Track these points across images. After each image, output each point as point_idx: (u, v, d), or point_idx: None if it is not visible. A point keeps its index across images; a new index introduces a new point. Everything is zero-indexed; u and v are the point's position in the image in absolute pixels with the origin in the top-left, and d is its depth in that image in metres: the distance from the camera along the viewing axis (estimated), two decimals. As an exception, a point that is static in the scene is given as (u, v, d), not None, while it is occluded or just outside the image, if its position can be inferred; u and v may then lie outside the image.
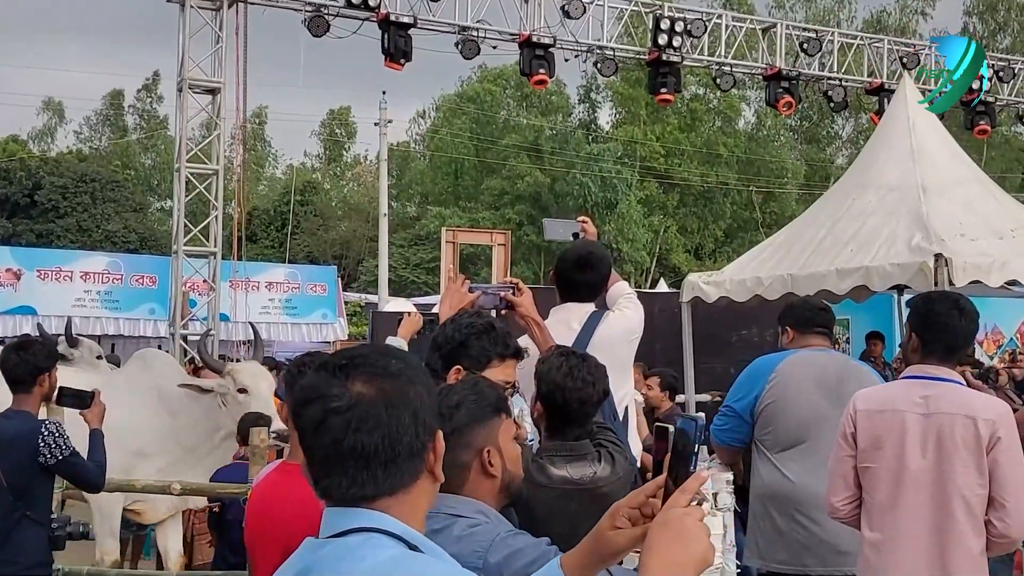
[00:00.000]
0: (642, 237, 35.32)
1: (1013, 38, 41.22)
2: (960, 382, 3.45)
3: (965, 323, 3.46)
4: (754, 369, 4.47)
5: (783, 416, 4.22)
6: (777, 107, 14.55)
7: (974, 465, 3.24)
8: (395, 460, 1.53)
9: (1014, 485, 3.23)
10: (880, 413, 3.43)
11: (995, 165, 37.63)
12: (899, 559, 3.34)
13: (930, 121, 10.67)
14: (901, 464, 3.34)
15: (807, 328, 4.53)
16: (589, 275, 3.97)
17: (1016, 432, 3.32)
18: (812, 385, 4.22)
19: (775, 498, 4.20)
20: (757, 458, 4.36)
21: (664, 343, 11.83)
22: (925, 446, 3.31)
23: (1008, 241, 9.21)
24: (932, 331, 3.46)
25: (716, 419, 4.49)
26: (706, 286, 10.72)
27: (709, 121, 39.66)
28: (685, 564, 1.56)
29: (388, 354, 1.62)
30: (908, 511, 3.32)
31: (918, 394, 3.39)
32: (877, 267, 8.82)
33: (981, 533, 3.25)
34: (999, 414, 3.29)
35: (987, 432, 3.23)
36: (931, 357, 3.45)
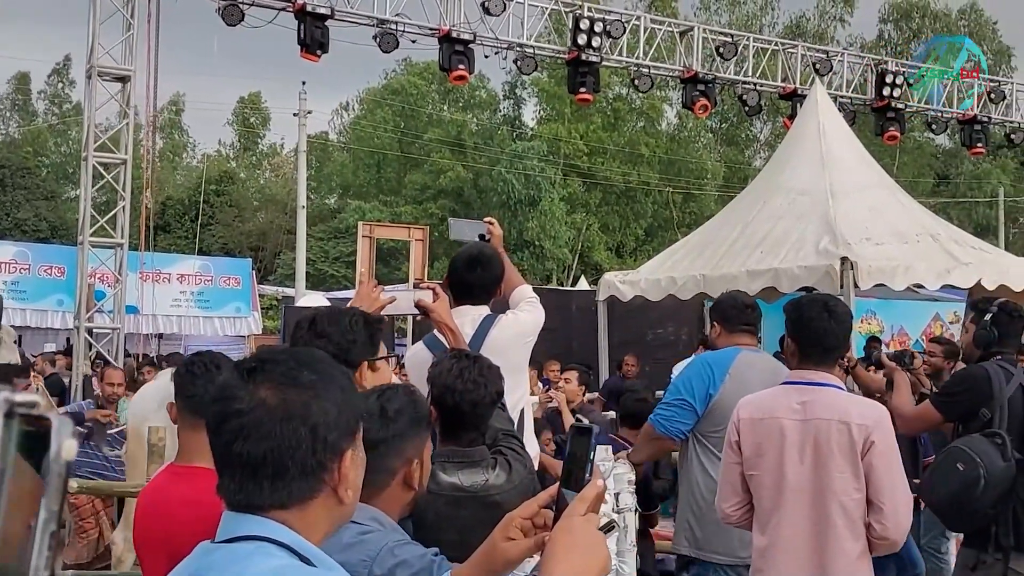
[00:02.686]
0: (564, 235, 35.51)
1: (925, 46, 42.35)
2: (839, 386, 3.48)
3: (834, 325, 3.47)
4: (709, 363, 4.45)
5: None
6: (693, 109, 14.71)
7: (850, 470, 3.25)
8: (282, 475, 1.47)
9: (890, 488, 3.25)
10: (761, 421, 3.47)
11: (907, 171, 38.61)
12: (781, 565, 3.37)
13: (840, 126, 10.91)
14: (781, 471, 3.38)
15: (734, 325, 4.54)
16: (480, 276, 3.92)
17: (892, 435, 3.35)
18: (758, 387, 4.24)
19: None
20: (699, 454, 4.37)
21: (581, 340, 11.93)
22: (803, 452, 3.33)
23: (912, 245, 9.46)
24: (805, 335, 3.50)
25: (662, 410, 4.46)
26: (622, 285, 10.83)
27: (632, 121, 40.01)
28: (584, 572, 1.54)
29: (304, 363, 1.54)
30: (789, 517, 3.35)
31: (796, 400, 3.40)
32: (786, 269, 8.99)
33: (859, 536, 3.28)
34: (873, 418, 3.30)
35: (861, 437, 3.24)
36: (807, 361, 3.48)
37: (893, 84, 15.55)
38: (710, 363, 4.41)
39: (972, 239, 10.70)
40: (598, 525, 1.60)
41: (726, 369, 4.31)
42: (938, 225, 10.31)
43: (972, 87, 17.13)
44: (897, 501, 3.25)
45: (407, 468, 2.34)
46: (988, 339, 4.47)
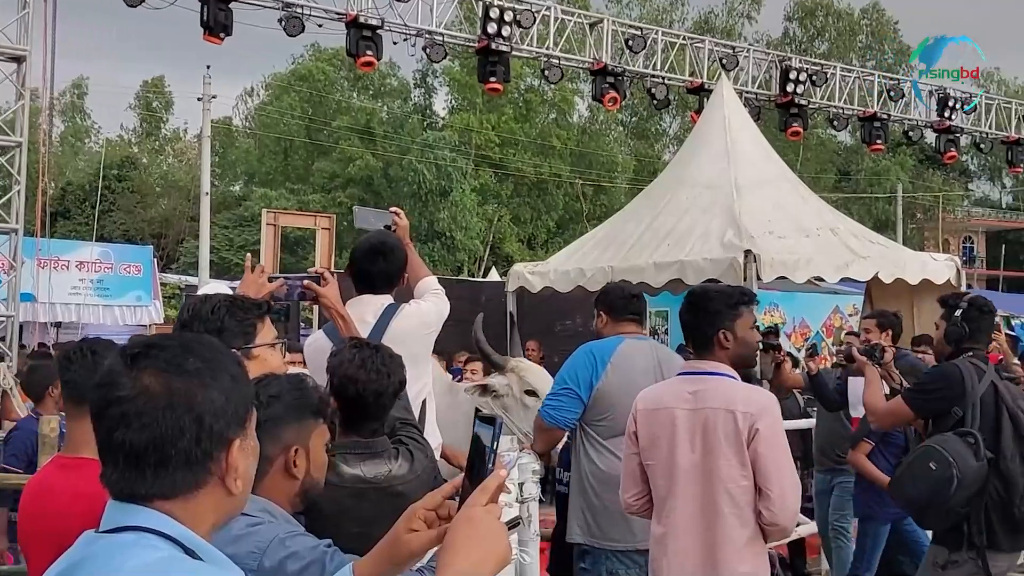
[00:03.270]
0: (476, 226, 35.50)
1: (830, 44, 43.43)
2: (730, 375, 3.48)
3: (692, 317, 3.55)
4: (592, 353, 4.46)
5: (620, 404, 4.25)
6: (603, 102, 14.78)
7: (736, 458, 3.29)
8: (165, 464, 1.43)
9: (776, 475, 3.28)
10: (655, 411, 3.51)
11: (810, 166, 39.56)
12: (673, 552, 3.42)
13: (745, 121, 11.10)
14: (673, 460, 3.42)
15: (620, 315, 4.58)
16: (382, 265, 3.87)
17: (778, 422, 3.41)
18: (640, 375, 4.27)
19: (610, 480, 4.24)
20: (586, 443, 4.39)
21: (490, 331, 11.88)
22: (693, 441, 3.38)
23: (814, 239, 9.67)
24: (683, 328, 3.62)
25: (549, 400, 4.47)
26: (531, 276, 10.86)
27: (544, 113, 40.18)
28: (483, 563, 1.54)
29: (190, 350, 1.50)
30: (680, 505, 3.40)
31: (688, 390, 3.46)
32: (691, 262, 9.10)
33: (747, 523, 3.30)
34: (759, 406, 3.34)
35: (746, 425, 3.29)
36: (696, 353, 3.57)
37: (797, 80, 15.85)
38: (594, 352, 4.42)
39: (871, 233, 10.99)
40: (499, 515, 1.60)
41: (608, 358, 4.33)
42: (838, 220, 10.56)
43: (873, 86, 17.59)
44: (784, 487, 3.29)
45: (285, 456, 2.29)
46: (959, 335, 4.47)
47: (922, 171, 45.12)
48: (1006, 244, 47.90)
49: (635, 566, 4.18)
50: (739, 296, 3.61)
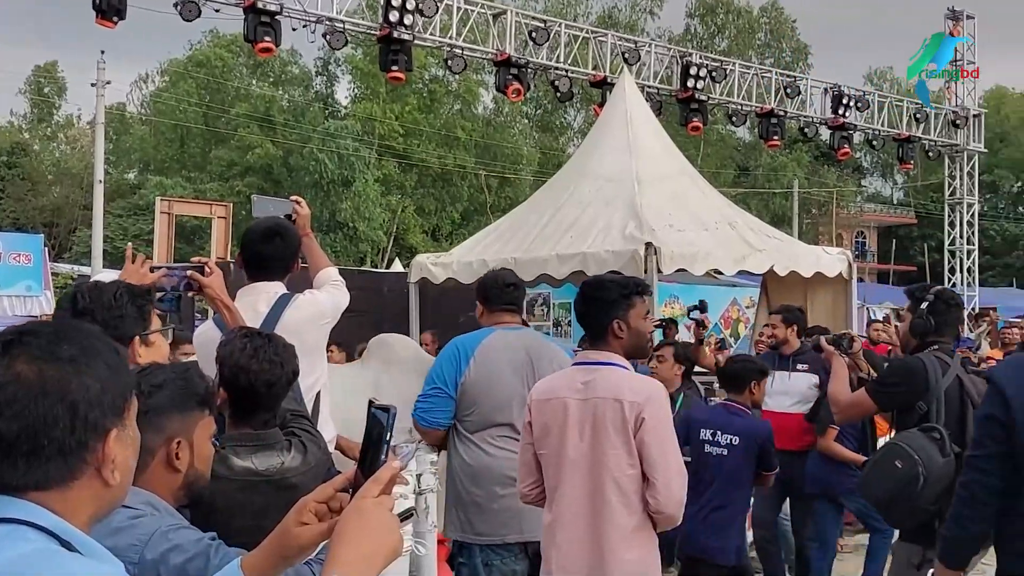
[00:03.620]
0: (379, 216, 35.21)
1: (730, 41, 44.22)
2: (621, 365, 3.48)
3: (585, 307, 3.56)
4: (456, 348, 4.40)
5: (485, 398, 4.23)
6: (506, 93, 14.79)
7: (623, 447, 3.31)
8: (38, 454, 1.38)
9: (662, 463, 3.30)
10: (548, 401, 3.51)
11: (710, 161, 40.27)
12: (561, 540, 3.43)
13: (646, 116, 11.19)
14: (563, 449, 3.43)
15: (496, 304, 4.51)
16: (278, 247, 3.76)
17: (665, 411, 3.41)
18: (507, 367, 4.25)
19: (477, 475, 4.22)
20: (455, 438, 4.35)
21: (392, 322, 11.79)
22: (582, 430, 3.39)
23: (712, 232, 9.81)
24: (577, 318, 3.64)
25: (420, 402, 4.40)
26: (434, 267, 10.79)
27: (448, 104, 40.04)
28: (374, 555, 1.51)
29: (65, 336, 1.45)
30: (569, 494, 3.41)
31: (580, 380, 3.46)
32: (594, 254, 9.14)
33: (634, 511, 3.33)
34: (645, 395, 3.35)
35: (632, 414, 3.30)
36: (590, 343, 3.57)
37: (697, 76, 16.09)
38: (459, 348, 4.38)
39: (767, 227, 11.19)
40: (391, 507, 1.57)
41: (472, 353, 4.29)
42: (735, 214, 10.73)
43: (771, 83, 17.97)
44: (669, 475, 3.31)
45: (168, 447, 2.22)
46: (925, 328, 4.37)
47: (817, 167, 46.34)
48: (896, 239, 49.49)
49: (510, 556, 4.16)
50: (633, 286, 3.59)
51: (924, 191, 47.74)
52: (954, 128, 20.69)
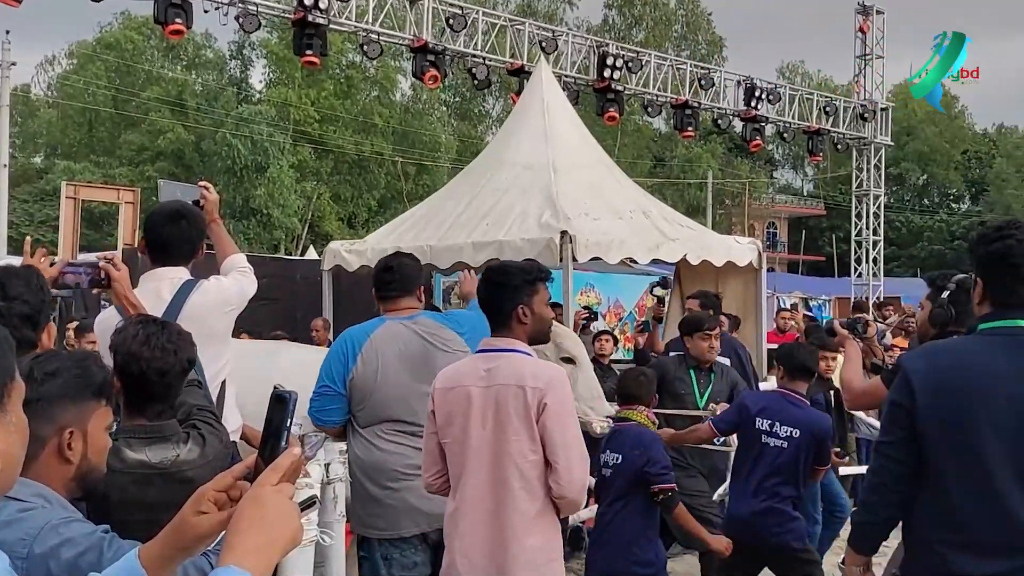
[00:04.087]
0: (294, 203, 34.74)
1: (647, 32, 44.61)
2: (524, 351, 3.47)
3: (489, 293, 3.54)
4: (344, 343, 4.29)
5: (375, 393, 4.15)
6: (423, 80, 14.69)
7: (525, 433, 3.31)
8: None
9: (563, 448, 3.30)
10: (451, 390, 3.48)
11: (627, 152, 40.64)
12: (464, 527, 3.42)
13: (563, 105, 11.22)
14: (466, 437, 3.41)
15: (381, 291, 4.41)
16: (183, 230, 3.66)
17: (566, 396, 3.40)
18: (396, 360, 4.15)
19: (370, 469, 4.16)
20: (351, 432, 4.28)
21: (305, 310, 11.66)
22: (485, 418, 3.37)
23: (627, 222, 9.88)
24: (481, 304, 3.62)
25: (314, 401, 4.29)
26: (348, 254, 10.66)
27: (366, 90, 39.65)
28: (271, 544, 1.48)
29: None
30: (472, 481, 3.40)
31: (483, 367, 3.45)
32: (510, 241, 9.13)
33: (537, 497, 3.33)
34: (546, 380, 3.35)
35: (534, 399, 3.30)
36: (493, 329, 3.55)
37: (613, 67, 16.20)
38: (347, 343, 4.28)
39: (680, 217, 11.32)
40: (291, 495, 1.54)
41: (360, 347, 4.20)
42: (650, 203, 10.83)
43: (686, 75, 18.18)
44: (570, 460, 3.31)
45: (59, 438, 2.14)
46: (945, 318, 4.20)
47: (731, 159, 47.12)
48: (806, 230, 50.63)
49: (409, 548, 4.12)
50: (537, 272, 3.58)
51: (833, 183, 48.93)
52: (862, 121, 21.20)
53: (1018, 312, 2.78)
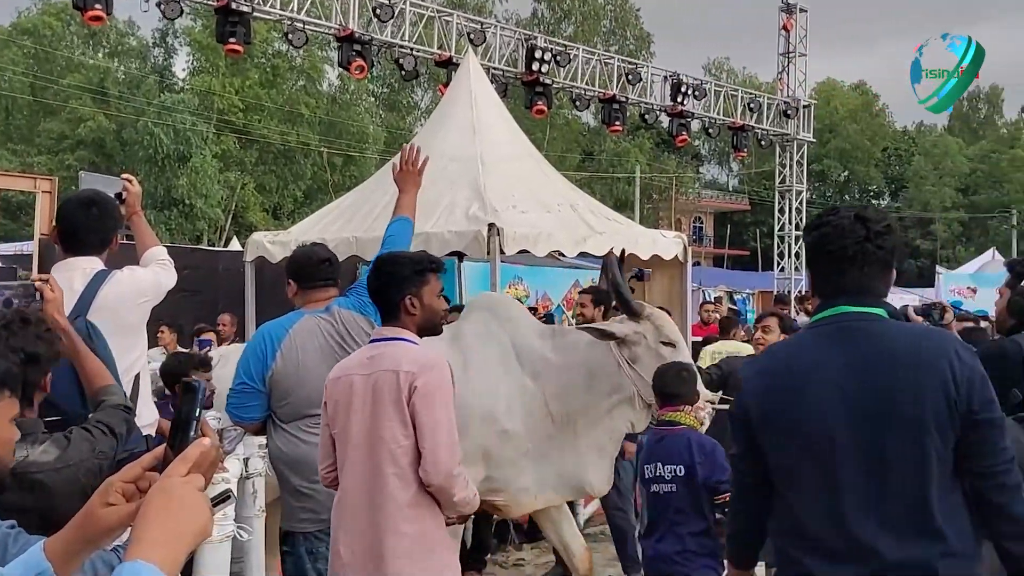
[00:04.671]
0: (217, 194, 34.13)
1: (576, 26, 44.79)
2: (410, 340, 3.44)
3: (378, 283, 3.51)
4: (262, 339, 4.19)
5: (296, 389, 4.07)
6: (349, 70, 14.53)
7: (398, 418, 3.29)
8: None
9: (430, 432, 3.28)
10: (339, 380, 3.47)
11: (557, 145, 40.78)
12: (346, 517, 3.40)
13: (491, 97, 11.19)
14: (348, 425, 3.41)
15: (311, 283, 4.31)
16: (95, 218, 3.56)
17: (441, 381, 3.35)
18: (316, 355, 4.07)
19: (293, 464, 4.09)
20: (272, 427, 4.21)
21: (228, 301, 11.47)
22: (364, 405, 3.36)
23: (555, 215, 9.90)
24: (370, 294, 3.60)
25: (232, 398, 4.22)
26: (271, 246, 10.51)
27: (292, 79, 39.12)
28: (179, 536, 1.45)
29: None
30: (351, 469, 3.39)
31: (367, 355, 3.45)
32: (437, 234, 9.08)
33: (410, 484, 3.31)
34: (420, 364, 3.33)
35: (406, 383, 3.29)
36: (383, 319, 3.54)
37: (542, 60, 16.21)
38: (265, 339, 4.19)
39: (607, 210, 11.38)
40: (201, 486, 1.52)
41: (278, 345, 4.11)
42: (577, 196, 10.87)
43: (613, 69, 18.27)
44: (436, 444, 3.28)
45: None
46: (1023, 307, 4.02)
47: (659, 154, 47.54)
48: (731, 225, 51.42)
49: None
50: (427, 263, 3.57)
51: (758, 179, 49.68)
52: (785, 118, 21.53)
53: (841, 299, 2.55)
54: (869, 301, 2.54)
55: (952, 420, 2.40)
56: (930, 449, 2.40)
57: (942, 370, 2.40)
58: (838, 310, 2.55)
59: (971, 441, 2.42)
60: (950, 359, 2.42)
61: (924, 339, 2.52)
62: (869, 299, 2.54)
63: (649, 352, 5.09)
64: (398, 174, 4.75)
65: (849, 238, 2.52)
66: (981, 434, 2.42)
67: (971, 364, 2.43)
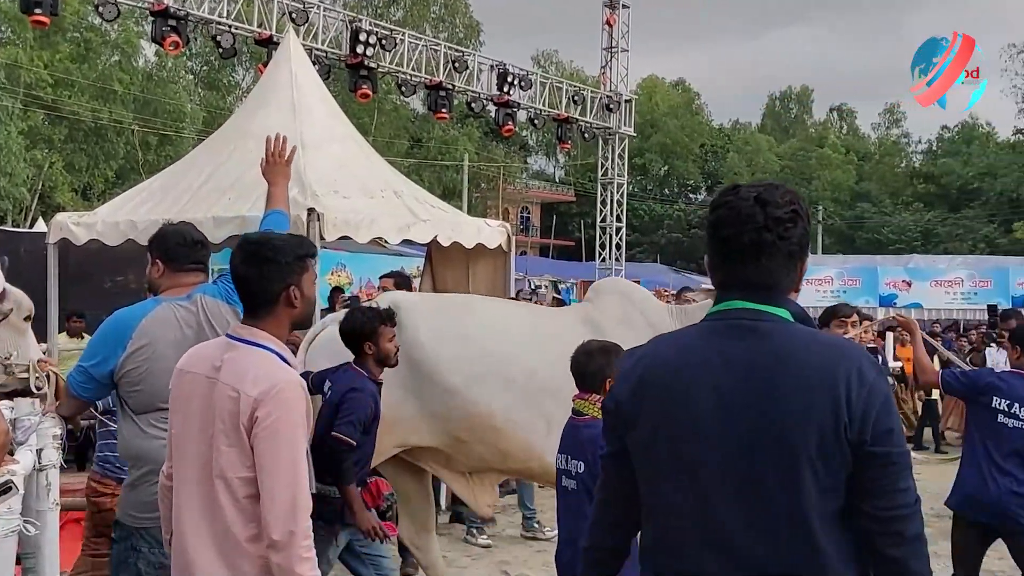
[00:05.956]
0: (23, 172, 32.21)
1: (405, 12, 44.49)
2: (269, 347, 2.95)
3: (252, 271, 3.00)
4: (114, 328, 3.88)
5: (147, 381, 3.82)
6: (163, 46, 13.96)
7: (238, 444, 2.82)
8: None
9: (269, 477, 2.78)
10: (184, 373, 3.05)
11: (384, 131, 40.44)
12: (179, 535, 3.02)
13: (312, 78, 10.91)
14: (185, 434, 2.99)
15: (181, 264, 4.00)
16: None
17: (289, 409, 2.84)
18: (171, 348, 3.77)
19: (132, 455, 3.87)
20: (121, 414, 3.95)
21: (30, 286, 10.81)
22: (204, 417, 2.93)
23: (378, 200, 9.76)
24: (239, 284, 3.11)
25: (75, 374, 3.95)
26: (76, 227, 9.95)
27: (106, 54, 37.28)
28: None
29: None
30: (184, 488, 2.99)
31: (220, 356, 2.96)
32: (253, 217, 8.74)
33: (251, 519, 2.83)
34: (263, 390, 2.81)
35: (247, 409, 2.80)
36: (250, 313, 3.06)
37: (367, 43, 16.00)
38: (119, 325, 3.87)
39: (432, 198, 11.31)
40: None
41: (131, 331, 3.82)
42: (401, 183, 10.75)
43: (440, 56, 18.22)
44: (276, 492, 2.77)
45: None
46: None
47: (487, 143, 47.85)
48: (557, 215, 52.30)
49: (159, 546, 3.82)
50: (306, 247, 3.08)
51: (582, 170, 50.72)
52: (608, 112, 22.01)
53: (736, 293, 2.16)
54: (769, 298, 2.14)
55: (840, 449, 2.01)
56: (807, 479, 2.01)
57: (835, 390, 2.01)
58: (732, 305, 2.16)
59: (864, 477, 2.02)
60: (848, 378, 2.02)
61: (823, 352, 2.09)
62: (769, 296, 2.15)
63: None
64: (265, 167, 4.50)
65: (747, 225, 2.11)
66: (875, 470, 2.02)
67: (873, 387, 2.03)
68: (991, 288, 22.93)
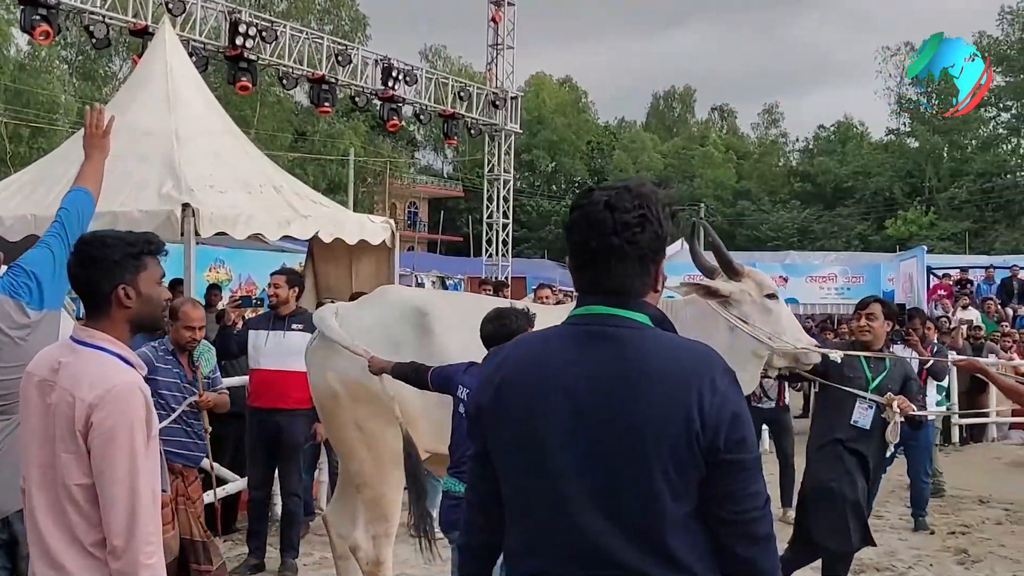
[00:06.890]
0: None
1: (289, 4, 43.71)
2: (108, 349, 2.85)
3: (82, 270, 2.93)
4: None
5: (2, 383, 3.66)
6: (33, 35, 13.43)
7: (75, 451, 2.72)
8: None
9: (107, 486, 2.70)
10: (29, 375, 2.91)
11: (267, 124, 39.65)
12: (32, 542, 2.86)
13: (189, 70, 10.68)
14: (27, 436, 2.88)
15: None
16: None
17: (125, 415, 2.74)
18: None
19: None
20: None
21: None
22: (44, 422, 2.81)
23: (256, 196, 9.60)
24: (73, 283, 3.05)
25: None
26: (-65, 222, 9.52)
27: (-26, 42, 35.72)
28: None
29: None
30: (31, 493, 2.84)
31: (59, 359, 2.86)
32: (125, 212, 8.55)
33: (95, 524, 2.74)
34: (98, 394, 2.72)
35: (82, 415, 2.71)
36: (88, 315, 2.93)
37: (246, 35, 15.68)
38: None
39: (314, 193, 11.19)
40: None
41: None
42: (282, 178, 10.61)
43: (323, 49, 17.97)
44: (113, 500, 2.69)
45: None
46: None
47: (374, 137, 47.39)
48: (445, 211, 52.20)
49: None
50: (144, 244, 2.96)
51: (470, 166, 50.71)
52: (494, 108, 22.09)
53: (594, 298, 2.17)
54: (625, 302, 2.13)
55: (693, 456, 2.02)
56: (660, 485, 2.03)
57: (687, 399, 2.02)
58: (591, 310, 2.15)
59: (718, 483, 2.05)
60: (700, 387, 2.03)
61: (679, 359, 2.09)
62: (625, 300, 2.13)
63: (757, 306, 5.46)
64: (84, 139, 4.31)
65: (595, 230, 2.10)
66: (728, 477, 2.05)
67: (726, 395, 2.06)
68: (863, 284, 23.76)
